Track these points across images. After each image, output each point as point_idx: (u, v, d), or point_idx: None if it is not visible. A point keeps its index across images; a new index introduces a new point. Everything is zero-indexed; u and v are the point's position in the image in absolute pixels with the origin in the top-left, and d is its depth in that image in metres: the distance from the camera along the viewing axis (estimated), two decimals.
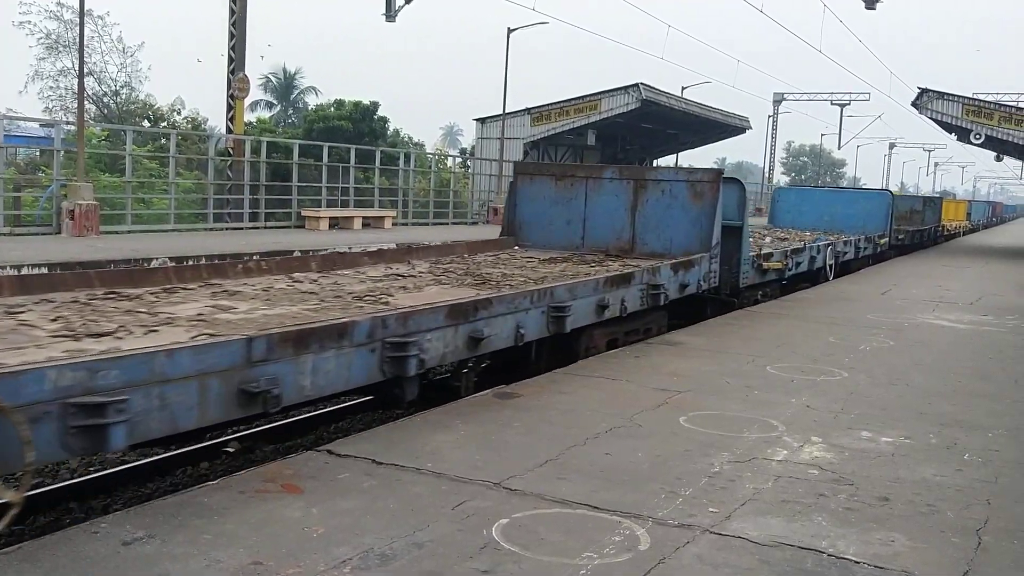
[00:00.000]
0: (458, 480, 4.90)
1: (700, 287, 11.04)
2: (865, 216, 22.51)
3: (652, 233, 11.87)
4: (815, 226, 21.98)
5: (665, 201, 11.76)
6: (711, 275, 11.38)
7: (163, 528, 4.07)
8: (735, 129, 49.57)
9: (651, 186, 11.92)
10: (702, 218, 11.46)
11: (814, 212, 22.93)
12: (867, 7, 26.33)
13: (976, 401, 7.53)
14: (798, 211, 23.28)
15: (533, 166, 13.33)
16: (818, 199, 24.43)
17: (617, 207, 12.05)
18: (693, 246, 11.37)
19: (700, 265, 11.03)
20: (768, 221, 24.39)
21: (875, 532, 4.43)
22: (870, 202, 23.56)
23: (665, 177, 12.06)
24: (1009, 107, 35.60)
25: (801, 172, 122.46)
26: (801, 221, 22.70)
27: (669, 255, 11.26)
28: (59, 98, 42.17)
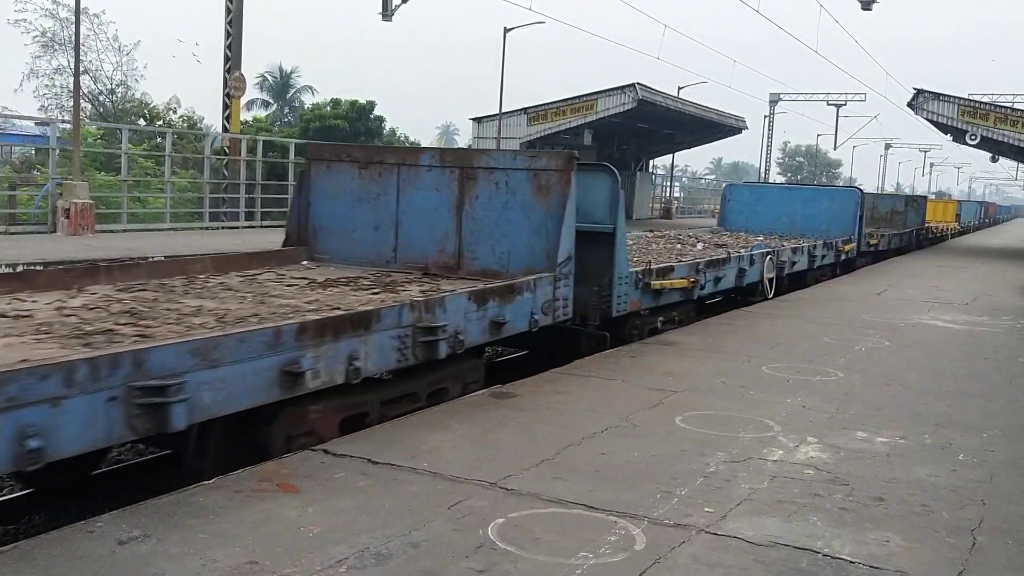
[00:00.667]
0: (454, 480, 4.90)
1: (535, 322, 7.94)
2: (830, 217, 19.80)
3: (485, 243, 8.67)
4: (772, 229, 19.59)
5: (501, 198, 8.56)
6: (558, 303, 8.28)
7: (159, 527, 4.07)
8: (731, 129, 49.57)
9: (482, 177, 8.66)
10: (548, 222, 8.32)
11: (771, 213, 20.13)
12: (863, 8, 26.39)
13: (971, 401, 7.55)
14: (752, 212, 20.38)
15: (330, 149, 10.03)
16: (775, 198, 21.00)
17: (439, 207, 8.87)
18: (538, 261, 8.30)
19: (534, 290, 7.93)
20: (717, 223, 21.72)
21: (870, 532, 4.44)
22: (835, 201, 20.46)
23: (500, 164, 8.67)
24: (1004, 108, 35.66)
25: (797, 172, 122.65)
26: (756, 223, 20.05)
27: (507, 274, 8.36)
28: (55, 96, 42.05)
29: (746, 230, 19.58)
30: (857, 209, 20.08)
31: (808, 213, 19.81)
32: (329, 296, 7.31)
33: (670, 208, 53.71)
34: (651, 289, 10.18)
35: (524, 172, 8.48)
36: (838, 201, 20.44)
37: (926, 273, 20.63)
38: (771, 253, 14.71)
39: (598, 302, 9.25)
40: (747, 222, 20.14)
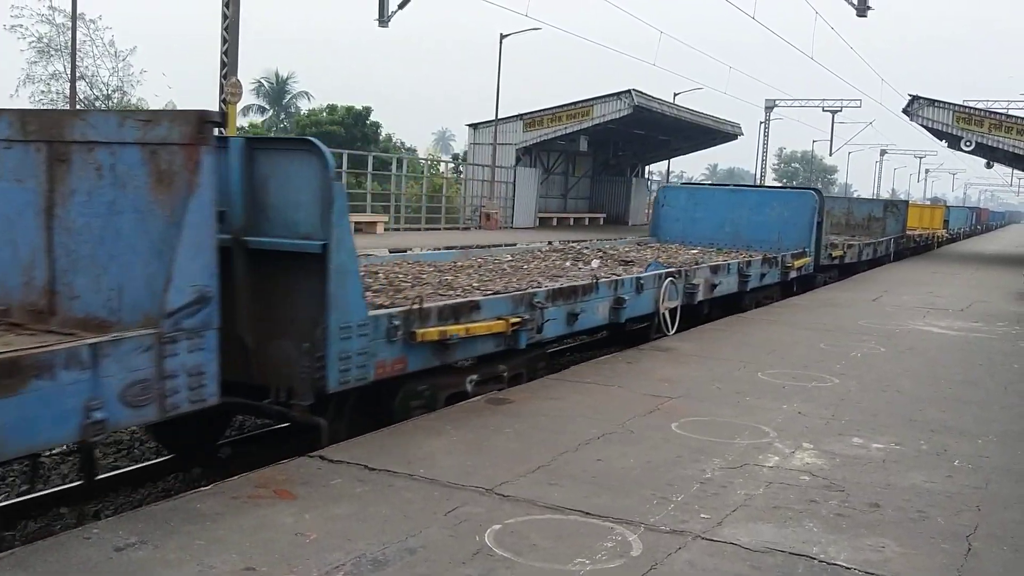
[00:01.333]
0: (450, 486, 4.91)
1: (94, 427, 4.34)
2: (782, 225, 16.63)
3: (87, 271, 5.06)
4: (713, 239, 16.90)
5: (106, 194, 5.00)
6: (173, 383, 4.72)
7: (155, 534, 4.07)
8: (727, 135, 49.65)
9: (79, 158, 5.10)
10: (173, 234, 4.77)
11: (712, 220, 17.19)
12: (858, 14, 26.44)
13: (966, 407, 7.56)
14: (690, 219, 17.35)
15: None
16: (717, 203, 17.66)
17: (23, 209, 5.27)
18: (143, 303, 4.83)
19: (94, 366, 4.35)
20: (650, 232, 18.69)
21: (866, 538, 4.46)
22: (788, 206, 16.98)
23: (103, 135, 5.04)
24: (999, 114, 35.81)
25: (793, 178, 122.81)
26: (694, 233, 17.19)
27: (117, 324, 4.83)
28: (51, 102, 42.02)
29: (683, 241, 17.07)
30: (814, 215, 16.62)
31: (756, 220, 16.78)
32: None
33: None
34: (422, 342, 6.58)
35: (136, 149, 4.92)
36: (791, 206, 16.95)
37: (921, 279, 20.68)
38: (674, 275, 11.08)
39: (309, 369, 5.79)
40: (684, 232, 17.34)
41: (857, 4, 26.23)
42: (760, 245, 16.24)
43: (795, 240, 16.45)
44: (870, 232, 26.67)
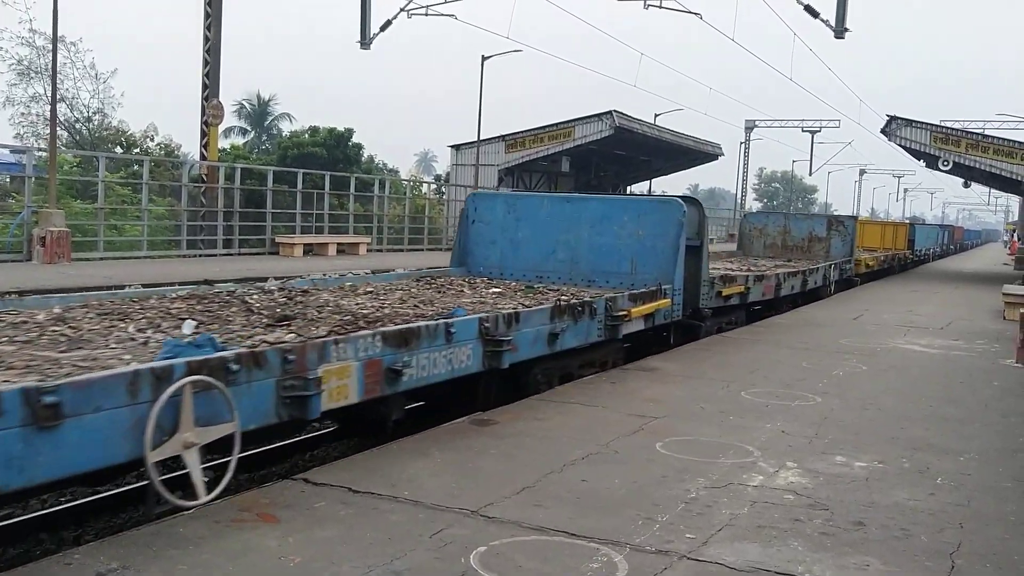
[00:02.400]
0: (435, 508, 4.89)
1: None
2: (637, 249, 11.49)
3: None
4: (541, 270, 11.92)
5: None
6: None
7: (137, 559, 4.04)
8: (707, 156, 50.02)
9: None
10: None
11: (541, 242, 12.10)
12: (836, 36, 26.71)
13: (947, 425, 7.61)
14: (510, 241, 12.29)
15: None
16: (548, 217, 12.28)
17: None
18: None
19: None
20: (454, 260, 12.87)
21: (850, 557, 4.47)
22: (645, 223, 11.67)
23: None
24: (976, 135, 36.20)
25: (773, 198, 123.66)
26: (516, 260, 12.19)
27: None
28: (31, 124, 41.89)
29: (500, 273, 12.12)
30: (682, 234, 11.25)
31: (600, 243, 11.69)
32: None
33: None
34: None
35: None
36: (650, 221, 11.58)
37: (901, 298, 20.82)
38: (209, 369, 5.00)
39: None
40: (503, 258, 12.27)
41: (835, 26, 26.51)
42: (606, 279, 11.45)
43: (656, 270, 11.18)
44: (811, 255, 22.82)
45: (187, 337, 5.88)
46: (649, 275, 11.18)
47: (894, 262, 32.73)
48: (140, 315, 7.15)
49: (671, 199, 12.11)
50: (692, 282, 11.77)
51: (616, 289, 10.84)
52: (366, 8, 29.55)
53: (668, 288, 10.97)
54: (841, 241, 23.56)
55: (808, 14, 26.17)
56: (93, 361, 5.20)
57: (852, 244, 23.74)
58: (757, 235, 24.20)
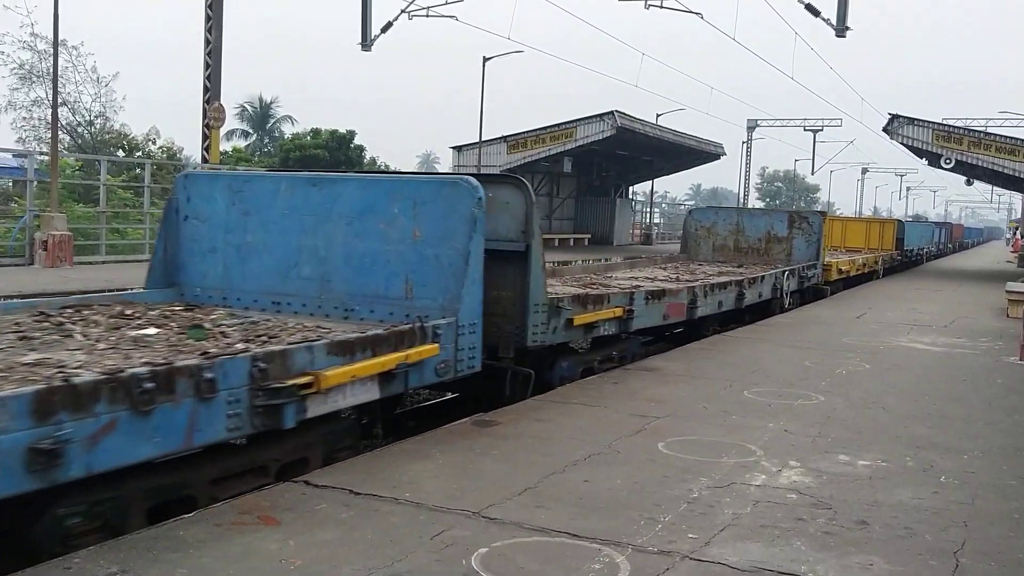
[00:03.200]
0: (436, 509, 4.87)
1: None
2: (414, 260, 7.45)
3: None
4: (279, 290, 8.07)
5: None
6: None
7: (137, 563, 4.02)
8: (709, 155, 49.95)
9: None
10: None
11: (280, 248, 8.09)
12: (837, 34, 26.70)
13: (951, 423, 7.58)
14: (237, 246, 8.32)
15: None
16: (287, 209, 8.08)
17: None
18: None
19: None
20: (150, 278, 8.66)
21: (854, 556, 4.44)
22: (424, 216, 7.46)
23: None
24: (978, 132, 36.16)
25: (776, 197, 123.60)
26: (249, 276, 8.26)
27: None
28: (32, 128, 41.92)
29: (224, 298, 8.27)
30: (472, 233, 7.25)
31: (361, 250, 7.76)
32: None
33: (650, 234, 53.97)
34: None
35: None
36: (430, 215, 7.48)
37: (905, 296, 20.78)
38: None
39: None
40: (227, 275, 8.34)
41: (836, 25, 26.49)
42: (370, 306, 7.56)
43: (442, 292, 7.30)
44: (770, 258, 19.26)
45: None
46: (432, 299, 7.19)
47: (877, 265, 28.31)
48: None
49: (459, 178, 7.53)
50: (514, 307, 8.10)
51: (384, 323, 7.03)
52: (367, 10, 29.58)
53: (445, 323, 6.83)
54: (805, 242, 19.31)
55: (809, 13, 26.16)
56: None
57: (819, 245, 19.43)
58: (704, 235, 20.09)
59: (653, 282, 13.33)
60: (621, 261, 18.22)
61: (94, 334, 6.41)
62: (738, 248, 19.70)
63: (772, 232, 19.59)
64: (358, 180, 8.36)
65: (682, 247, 20.94)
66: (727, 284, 13.74)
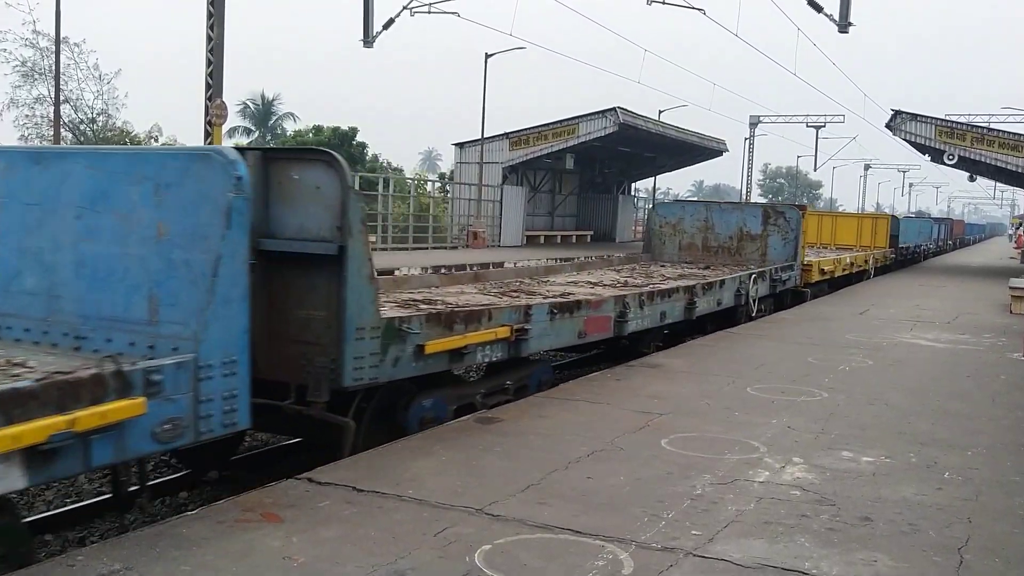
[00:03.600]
0: (440, 506, 4.87)
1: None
2: (159, 268, 5.08)
3: None
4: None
5: None
6: None
7: (141, 560, 4.02)
8: (712, 152, 49.88)
9: None
10: None
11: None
12: (840, 30, 26.62)
13: (954, 420, 7.57)
14: None
15: None
16: (6, 195, 5.74)
17: None
18: None
19: None
20: None
21: (858, 552, 4.43)
22: (169, 204, 5.11)
23: None
24: (980, 128, 36.07)
25: (778, 194, 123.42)
26: None
27: None
28: (35, 126, 41.89)
29: None
30: (232, 229, 4.99)
31: (94, 254, 5.34)
32: None
33: None
34: None
35: None
36: (178, 203, 5.11)
37: (908, 292, 20.76)
38: None
39: None
40: None
41: (839, 21, 26.42)
42: (107, 332, 5.23)
43: (195, 313, 4.97)
44: (742, 257, 17.51)
45: None
46: (183, 323, 5.00)
47: (868, 264, 26.34)
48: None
49: (211, 151, 5.48)
50: (328, 333, 6.10)
51: (124, 357, 4.80)
52: (369, 6, 29.51)
53: (171, 363, 4.76)
54: (782, 239, 17.35)
55: (812, 8, 26.07)
56: None
57: (797, 244, 17.41)
58: (670, 232, 18.29)
59: (594, 288, 11.72)
60: (569, 263, 16.24)
61: None
62: (707, 247, 17.85)
63: (744, 229, 17.71)
64: (89, 156, 6.01)
65: (645, 246, 19.27)
66: (672, 292, 11.63)
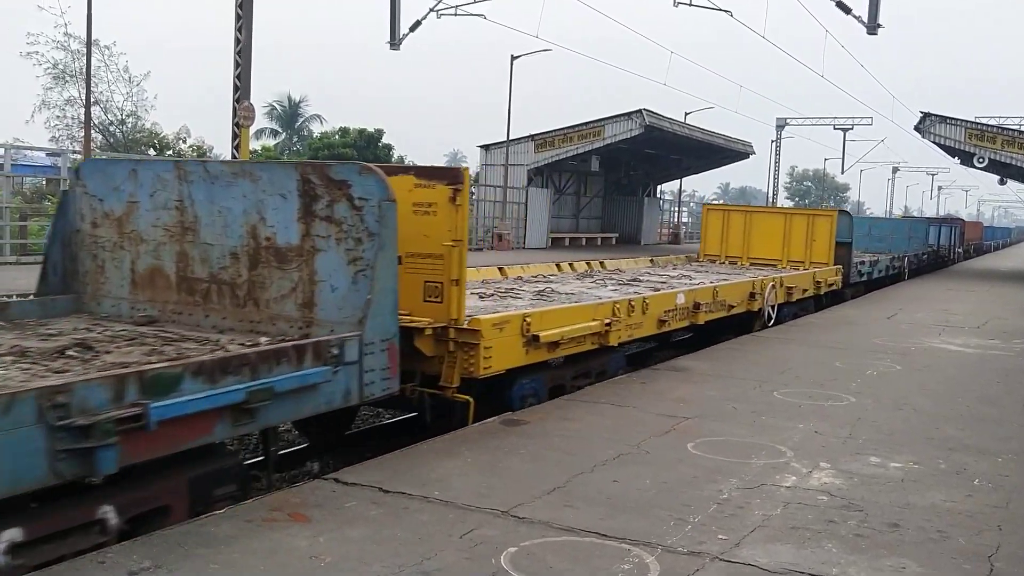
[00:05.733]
0: (465, 508, 4.88)
1: None
2: None
3: None
4: None
5: None
6: None
7: (169, 558, 4.06)
8: (738, 154, 49.62)
9: None
10: None
11: None
12: (868, 32, 26.42)
13: (984, 426, 7.49)
14: None
15: None
16: None
17: None
18: None
19: None
20: None
21: (886, 559, 4.40)
22: None
23: None
24: (1012, 131, 35.67)
25: (805, 196, 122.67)
26: None
27: None
28: (66, 127, 42.31)
29: None
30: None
31: None
32: None
33: (678, 233, 53.77)
34: None
35: None
36: None
37: (935, 296, 20.55)
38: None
39: None
40: None
41: (867, 22, 26.22)
42: None
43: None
44: (259, 310, 6.42)
45: None
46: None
47: (760, 299, 13.34)
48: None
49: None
50: None
51: None
52: (395, 9, 29.62)
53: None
54: (351, 260, 6.02)
55: (840, 10, 25.90)
56: None
57: (376, 281, 5.87)
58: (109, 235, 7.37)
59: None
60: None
61: None
62: (186, 278, 6.80)
63: (260, 234, 6.44)
64: None
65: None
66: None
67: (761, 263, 18.33)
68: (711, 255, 19.01)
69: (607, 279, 13.52)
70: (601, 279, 13.53)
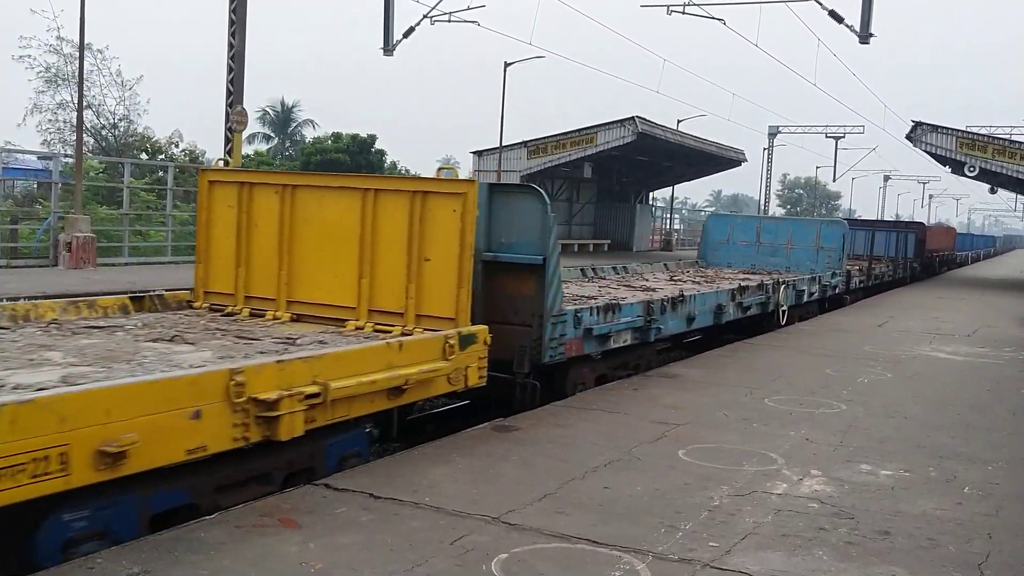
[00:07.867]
0: (457, 514, 4.87)
1: None
2: None
3: None
4: None
5: None
6: None
7: (158, 564, 4.04)
8: (730, 162, 49.78)
9: None
10: None
11: None
12: (860, 41, 26.51)
13: (974, 433, 7.51)
14: None
15: None
16: None
17: None
18: None
19: None
20: None
21: (876, 566, 4.40)
22: None
23: None
24: (1002, 140, 35.83)
25: (797, 204, 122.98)
26: None
27: None
28: (57, 131, 42.19)
29: None
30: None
31: None
32: None
33: (670, 240, 53.87)
34: None
35: None
36: None
37: (926, 304, 20.62)
38: None
39: None
40: None
41: (859, 31, 26.31)
42: None
43: None
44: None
45: None
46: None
47: None
48: None
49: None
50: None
51: None
52: (389, 15, 29.65)
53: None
54: None
55: (832, 19, 25.99)
56: None
57: None
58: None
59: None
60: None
61: None
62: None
63: None
64: None
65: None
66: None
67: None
68: None
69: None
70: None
